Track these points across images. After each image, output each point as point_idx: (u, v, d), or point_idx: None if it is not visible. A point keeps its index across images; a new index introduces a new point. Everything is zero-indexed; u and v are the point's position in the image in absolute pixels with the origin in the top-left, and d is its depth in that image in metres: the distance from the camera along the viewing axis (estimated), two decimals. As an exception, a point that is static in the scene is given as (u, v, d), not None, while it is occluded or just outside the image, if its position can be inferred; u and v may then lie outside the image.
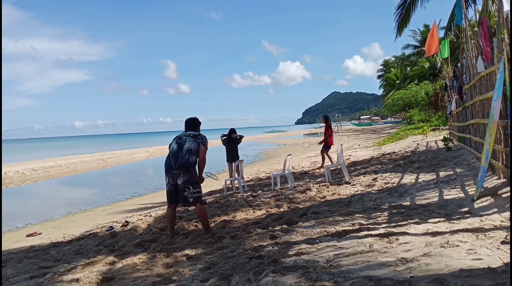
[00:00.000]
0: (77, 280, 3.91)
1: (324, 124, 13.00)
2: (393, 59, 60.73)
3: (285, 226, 5.11)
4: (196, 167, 5.41)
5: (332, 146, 12.72)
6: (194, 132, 5.50)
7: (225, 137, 10.71)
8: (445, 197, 5.90)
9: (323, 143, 12.57)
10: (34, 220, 10.56)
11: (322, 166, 12.30)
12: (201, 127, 5.74)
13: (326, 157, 12.70)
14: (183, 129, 5.68)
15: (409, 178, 8.12)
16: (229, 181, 10.12)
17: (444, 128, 22.72)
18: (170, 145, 5.50)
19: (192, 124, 5.65)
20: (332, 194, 7.49)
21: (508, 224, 3.88)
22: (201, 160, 5.39)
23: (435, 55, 15.41)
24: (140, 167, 26.85)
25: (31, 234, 8.20)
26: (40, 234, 8.21)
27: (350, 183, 8.46)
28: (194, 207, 5.58)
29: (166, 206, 5.61)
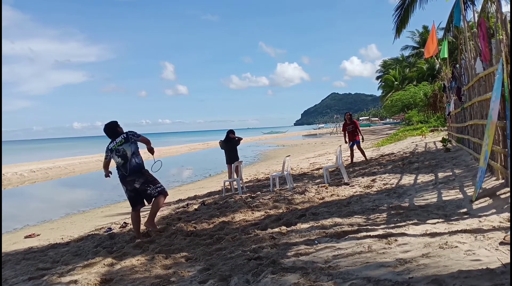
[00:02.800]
0: (75, 281, 3.90)
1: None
2: (391, 61, 60.81)
3: (284, 227, 5.10)
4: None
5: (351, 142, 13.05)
6: (122, 136, 5.58)
7: (222, 140, 10.68)
8: (443, 198, 5.91)
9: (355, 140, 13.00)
10: (32, 221, 10.54)
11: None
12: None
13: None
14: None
15: (407, 179, 8.13)
16: (228, 182, 10.11)
17: (442, 129, 22.77)
18: (109, 157, 5.66)
19: (111, 130, 5.68)
20: (331, 195, 7.48)
21: (507, 224, 3.89)
22: (145, 142, 5.65)
23: (434, 56, 15.43)
24: (139, 168, 26.80)
25: (29, 235, 8.19)
26: (38, 235, 8.20)
27: (349, 184, 8.46)
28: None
29: (131, 210, 5.82)
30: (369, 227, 4.52)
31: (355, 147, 13.05)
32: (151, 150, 5.75)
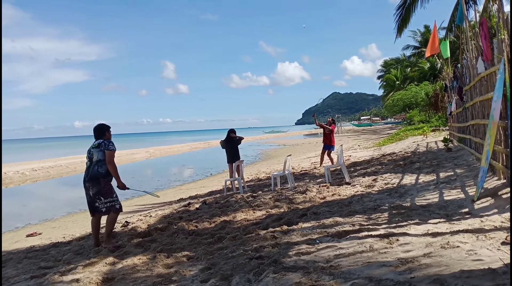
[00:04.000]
0: (77, 280, 3.91)
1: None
2: (392, 61, 60.68)
3: (285, 226, 5.11)
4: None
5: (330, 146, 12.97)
6: (100, 141, 5.46)
7: (223, 140, 10.67)
8: (445, 198, 5.90)
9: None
10: (34, 220, 10.55)
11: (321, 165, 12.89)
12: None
13: (326, 157, 13.02)
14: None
15: (409, 179, 8.12)
16: (229, 182, 10.12)
17: (444, 128, 22.72)
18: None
19: (99, 131, 5.56)
20: (332, 194, 7.49)
21: (509, 224, 3.88)
22: (108, 162, 5.35)
23: (435, 55, 15.42)
24: (140, 168, 26.85)
25: (31, 234, 8.20)
26: (40, 234, 8.21)
27: (350, 184, 8.46)
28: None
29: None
30: (371, 226, 4.52)
31: (327, 151, 13.00)
32: (119, 185, 5.49)
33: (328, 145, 12.78)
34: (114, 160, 5.45)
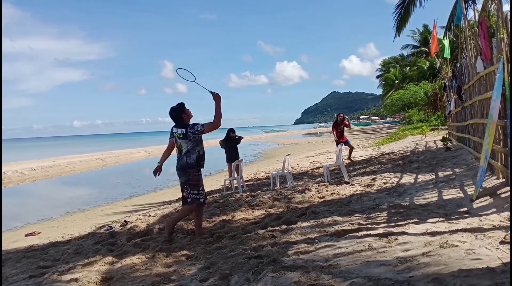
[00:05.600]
0: (76, 279, 3.90)
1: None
2: (391, 60, 60.75)
3: (284, 226, 5.11)
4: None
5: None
6: (183, 130, 5.23)
7: (222, 139, 10.68)
8: (444, 197, 5.91)
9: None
10: (33, 219, 10.55)
11: (350, 159, 13.57)
12: None
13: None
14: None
15: (408, 178, 8.13)
16: (228, 181, 10.11)
17: (443, 128, 22.75)
18: (170, 138, 5.46)
19: (174, 118, 5.30)
20: (331, 194, 7.49)
21: (507, 224, 3.89)
22: (215, 128, 5.28)
23: (434, 55, 15.43)
24: (139, 167, 26.84)
25: (30, 233, 8.20)
26: (39, 233, 8.20)
27: (349, 183, 8.46)
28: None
29: (182, 204, 5.55)
30: (370, 226, 4.52)
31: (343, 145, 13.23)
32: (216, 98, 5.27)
33: (342, 142, 12.92)
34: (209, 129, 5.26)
